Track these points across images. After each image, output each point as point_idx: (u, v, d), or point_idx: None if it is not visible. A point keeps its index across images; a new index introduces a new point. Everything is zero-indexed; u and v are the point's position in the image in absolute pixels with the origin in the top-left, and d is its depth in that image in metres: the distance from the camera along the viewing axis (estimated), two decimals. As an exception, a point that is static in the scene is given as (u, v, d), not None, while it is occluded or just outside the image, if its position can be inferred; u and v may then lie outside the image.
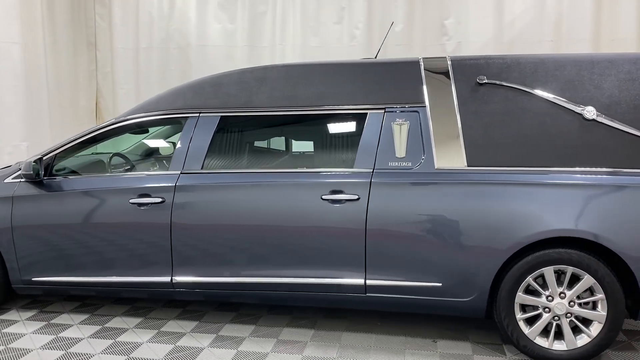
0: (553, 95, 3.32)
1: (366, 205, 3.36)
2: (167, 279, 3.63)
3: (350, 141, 3.55)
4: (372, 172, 3.41)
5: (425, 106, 3.45)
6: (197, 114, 3.72)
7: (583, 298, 3.19)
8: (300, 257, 3.45)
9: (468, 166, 3.31)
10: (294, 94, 3.63)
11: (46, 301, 4.22)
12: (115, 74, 8.24)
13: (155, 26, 7.99)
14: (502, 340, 3.54)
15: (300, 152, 3.79)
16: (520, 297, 3.24)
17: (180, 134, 3.71)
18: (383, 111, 3.50)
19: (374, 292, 3.41)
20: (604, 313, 3.15)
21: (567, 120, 3.27)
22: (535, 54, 3.54)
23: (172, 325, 3.78)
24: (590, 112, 3.25)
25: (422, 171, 3.35)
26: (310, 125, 3.72)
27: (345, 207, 3.38)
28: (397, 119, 3.46)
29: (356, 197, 3.37)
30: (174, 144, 3.83)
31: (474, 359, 3.30)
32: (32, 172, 3.65)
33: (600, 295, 3.14)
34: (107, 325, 3.78)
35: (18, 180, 3.83)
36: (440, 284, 3.31)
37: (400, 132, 3.44)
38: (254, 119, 3.72)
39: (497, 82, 3.40)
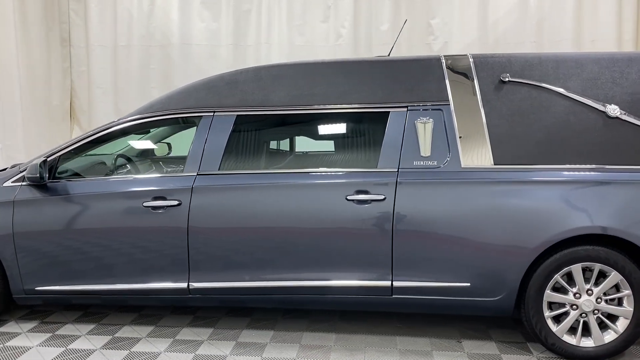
0: (575, 94, 3.33)
1: (392, 205, 3.30)
2: (183, 285, 3.48)
3: (373, 140, 3.49)
4: (397, 171, 3.35)
5: (449, 104, 3.42)
6: (212, 113, 3.59)
7: (609, 294, 3.22)
8: (324, 259, 3.37)
9: (495, 164, 3.29)
10: (312, 92, 3.53)
11: (45, 311, 4.00)
12: (91, 72, 7.93)
13: (134, 23, 7.73)
14: (525, 339, 3.55)
15: (321, 152, 3.70)
16: (549, 295, 3.24)
17: (194, 134, 3.57)
18: (406, 109, 3.44)
19: (401, 293, 3.36)
20: (631, 309, 3.18)
21: (591, 117, 3.29)
22: (556, 52, 3.56)
23: (187, 333, 3.63)
24: (613, 110, 3.28)
25: (449, 170, 3.32)
26: (330, 124, 3.64)
27: (371, 208, 3.31)
28: (421, 118, 3.41)
29: (382, 197, 3.30)
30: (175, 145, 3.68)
31: (502, 358, 3.29)
32: (37, 175, 3.43)
33: (627, 292, 3.18)
34: (117, 335, 3.60)
35: (19, 183, 3.61)
36: (469, 284, 3.29)
37: (425, 130, 3.39)
38: (272, 117, 3.61)
39: (520, 80, 3.40)
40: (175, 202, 3.43)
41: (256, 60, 7.68)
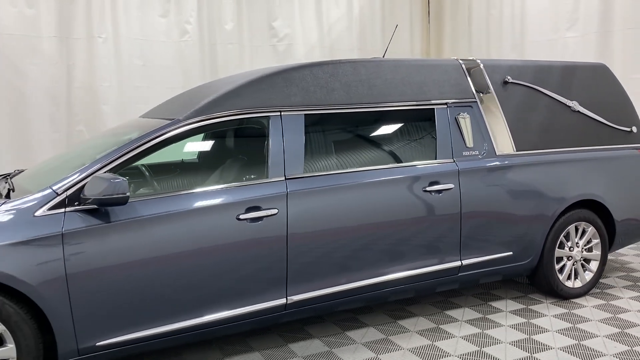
0: (553, 92, 4.25)
1: (459, 193, 3.68)
2: (281, 301, 3.18)
3: (425, 134, 3.78)
4: (454, 161, 3.74)
5: (476, 101, 3.95)
6: (278, 113, 3.33)
7: (586, 245, 4.26)
8: (408, 250, 3.54)
9: (516, 151, 3.98)
10: (370, 92, 3.61)
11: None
12: None
13: None
14: (524, 292, 4.35)
15: (388, 147, 3.76)
16: (557, 251, 4.11)
17: (269, 135, 3.25)
18: (446, 106, 3.84)
19: (466, 270, 3.77)
20: (599, 252, 4.28)
21: (563, 111, 4.26)
22: (538, 60, 4.43)
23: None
24: (575, 105, 4.32)
25: (490, 157, 3.87)
26: (388, 121, 3.75)
27: (444, 197, 3.63)
28: (461, 113, 3.87)
29: (452, 186, 3.66)
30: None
31: (531, 308, 4.01)
32: (125, 194, 2.66)
33: (596, 241, 4.27)
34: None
35: (61, 210, 2.70)
36: (511, 253, 3.91)
37: (465, 124, 3.86)
38: (335, 116, 3.55)
39: (518, 82, 4.15)
40: (274, 211, 3.11)
41: (90, 54, 6.67)
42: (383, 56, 4.32)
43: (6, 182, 3.25)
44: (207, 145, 3.70)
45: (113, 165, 2.85)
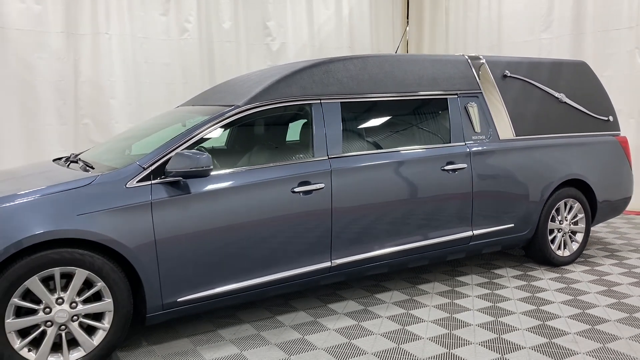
0: (544, 85, 4.85)
1: (470, 172, 4.22)
2: (326, 264, 3.63)
3: (441, 120, 4.29)
4: (465, 144, 4.27)
5: (482, 92, 4.50)
6: (319, 101, 3.78)
7: (573, 219, 4.86)
8: (427, 222, 4.04)
9: (516, 136, 4.55)
10: (393, 82, 4.10)
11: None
12: None
13: None
14: (519, 262, 4.92)
15: (410, 131, 4.23)
16: (550, 224, 4.70)
17: (312, 120, 3.70)
18: (457, 96, 4.37)
19: (476, 240, 4.31)
20: (584, 226, 4.90)
21: (552, 102, 4.86)
22: (530, 57, 5.00)
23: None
24: (562, 96, 4.92)
25: (494, 141, 4.42)
26: (408, 108, 4.23)
27: (459, 175, 4.16)
28: (469, 102, 4.40)
29: (465, 165, 4.19)
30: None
31: (529, 274, 4.58)
32: (209, 167, 3.07)
33: (581, 215, 4.88)
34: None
35: (147, 182, 3.08)
36: (513, 225, 4.47)
37: (474, 112, 4.40)
38: (364, 104, 4.02)
39: (515, 76, 4.72)
40: (321, 185, 3.56)
41: (97, 51, 6.94)
42: (395, 52, 4.81)
43: (77, 162, 3.59)
44: (261, 128, 4.11)
45: (189, 144, 3.25)
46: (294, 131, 3.99)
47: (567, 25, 7.34)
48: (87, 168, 3.34)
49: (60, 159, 3.99)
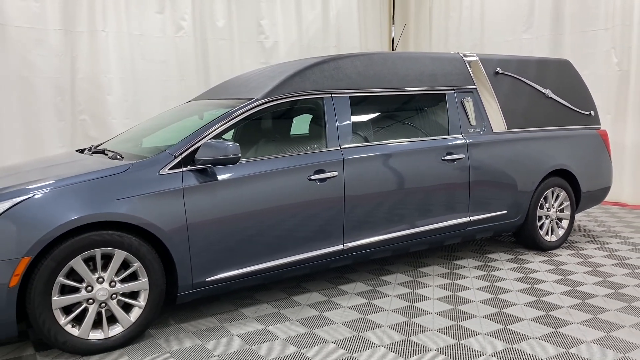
0: (532, 82, 5.19)
1: (468, 162, 4.52)
2: (339, 246, 3.89)
3: (440, 113, 4.58)
4: (462, 136, 4.58)
5: (476, 87, 4.81)
6: (330, 95, 4.03)
7: (559, 207, 5.22)
8: (428, 208, 4.33)
9: (508, 129, 4.88)
10: (396, 78, 4.38)
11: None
12: None
13: None
14: (510, 248, 5.25)
15: (412, 124, 4.50)
16: (538, 211, 5.04)
17: (324, 113, 3.95)
18: (453, 91, 4.68)
19: (473, 225, 4.62)
20: (569, 213, 5.26)
21: (540, 97, 5.21)
22: (519, 55, 5.33)
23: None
24: (548, 92, 5.28)
25: (488, 134, 4.73)
26: (410, 102, 4.51)
27: (456, 165, 4.46)
28: (465, 97, 4.71)
29: (463, 156, 4.49)
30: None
31: (521, 257, 4.92)
32: (237, 155, 3.30)
33: (567, 203, 5.24)
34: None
35: (178, 170, 3.29)
36: (506, 211, 4.80)
37: (469, 106, 4.71)
38: (370, 98, 4.28)
39: (506, 73, 5.05)
40: (335, 173, 3.82)
41: (94, 48, 7.07)
42: (393, 50, 5.10)
43: (103, 152, 3.77)
44: (278, 121, 4.34)
45: (215, 134, 3.47)
46: (307, 123, 4.23)
47: (546, 25, 7.74)
48: (118, 157, 3.53)
49: (82, 150, 4.16)
